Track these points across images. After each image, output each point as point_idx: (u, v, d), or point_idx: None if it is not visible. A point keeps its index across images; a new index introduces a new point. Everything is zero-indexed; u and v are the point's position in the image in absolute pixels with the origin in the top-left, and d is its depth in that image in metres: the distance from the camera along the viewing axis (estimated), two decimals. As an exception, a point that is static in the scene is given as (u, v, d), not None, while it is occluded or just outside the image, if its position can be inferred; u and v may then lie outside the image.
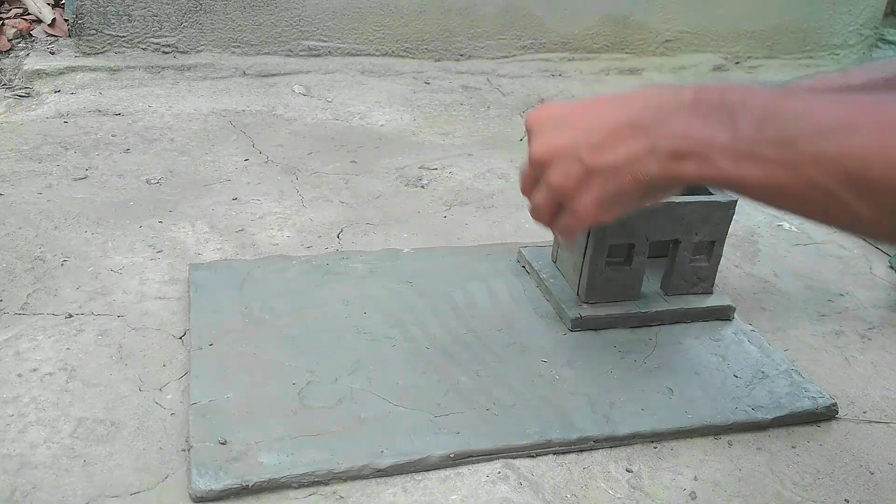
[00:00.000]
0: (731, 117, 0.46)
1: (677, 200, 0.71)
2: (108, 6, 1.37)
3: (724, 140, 0.46)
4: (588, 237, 0.73)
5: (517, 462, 0.61)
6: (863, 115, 0.41)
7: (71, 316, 0.73)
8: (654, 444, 0.64)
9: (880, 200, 0.40)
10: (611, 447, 0.63)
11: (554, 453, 0.62)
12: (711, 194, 0.73)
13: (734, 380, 0.70)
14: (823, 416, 0.68)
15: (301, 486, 0.57)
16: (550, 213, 0.58)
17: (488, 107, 1.39)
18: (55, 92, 1.27)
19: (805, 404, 0.68)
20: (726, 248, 0.78)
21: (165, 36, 1.41)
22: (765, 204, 0.47)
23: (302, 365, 0.67)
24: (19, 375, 0.65)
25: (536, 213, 0.60)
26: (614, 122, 0.52)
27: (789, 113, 0.44)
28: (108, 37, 1.39)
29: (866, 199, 0.40)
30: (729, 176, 0.46)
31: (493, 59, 1.60)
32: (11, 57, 1.39)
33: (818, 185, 0.42)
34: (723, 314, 0.78)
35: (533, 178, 0.58)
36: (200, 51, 1.44)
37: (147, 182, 1.00)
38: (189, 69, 1.40)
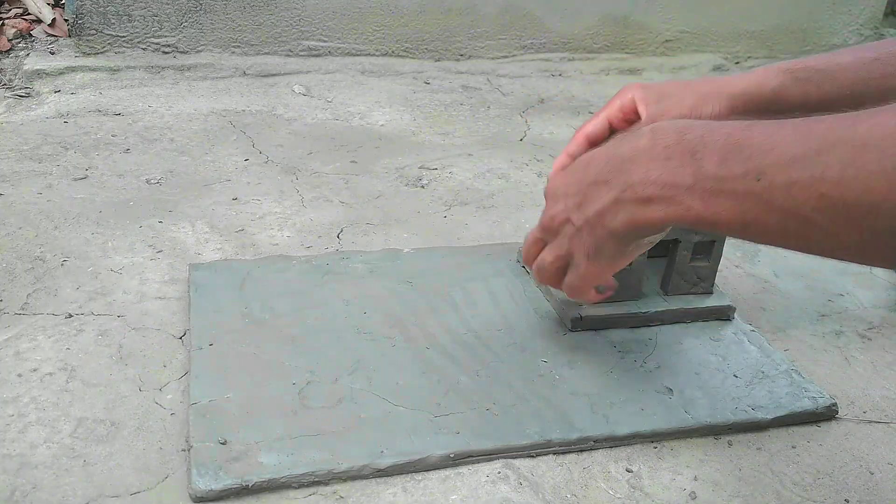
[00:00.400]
0: (692, 157, 0.45)
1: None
2: (108, 6, 1.37)
3: (687, 180, 0.45)
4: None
5: (517, 462, 0.61)
6: (832, 136, 0.39)
7: (71, 316, 0.73)
8: (654, 444, 0.64)
9: (861, 222, 0.38)
10: (611, 447, 0.63)
11: (554, 453, 0.62)
12: None
13: (734, 380, 0.70)
14: (823, 416, 0.68)
15: (301, 486, 0.57)
16: (556, 273, 0.60)
17: (488, 107, 1.39)
18: (55, 92, 1.27)
19: (805, 404, 0.68)
20: (726, 248, 0.78)
21: (165, 36, 1.41)
22: (743, 238, 0.46)
23: (302, 365, 0.67)
24: (19, 375, 0.65)
25: (541, 275, 0.61)
26: (584, 180, 0.53)
27: (753, 144, 0.42)
28: (108, 37, 1.39)
29: (846, 221, 0.39)
30: (700, 215, 0.45)
31: (493, 59, 1.60)
32: (11, 57, 1.39)
33: (794, 215, 0.40)
34: (723, 314, 0.78)
35: (540, 242, 0.60)
36: (200, 51, 1.44)
37: (147, 182, 1.00)
38: (189, 69, 1.40)
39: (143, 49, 1.41)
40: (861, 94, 0.63)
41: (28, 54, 1.38)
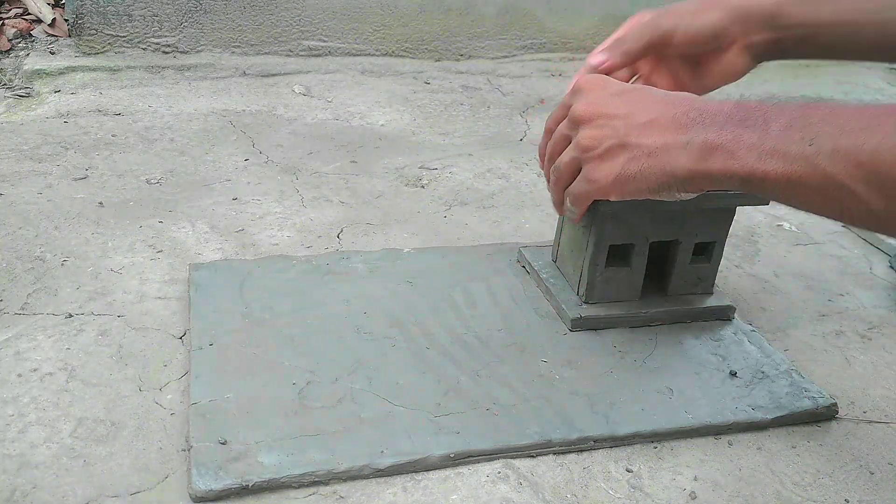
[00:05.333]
0: (765, 121, 0.50)
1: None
2: (108, 6, 1.37)
3: (752, 139, 0.50)
4: (588, 237, 0.73)
5: (517, 462, 0.61)
6: (884, 116, 0.44)
7: (71, 316, 0.73)
8: (654, 444, 0.64)
9: (890, 192, 0.43)
10: (611, 447, 0.63)
11: (554, 453, 0.62)
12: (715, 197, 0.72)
13: (734, 380, 0.70)
14: (823, 416, 0.68)
15: (301, 486, 0.57)
16: (570, 175, 0.62)
17: (488, 107, 1.39)
18: (55, 92, 1.27)
19: (805, 404, 0.68)
20: (726, 249, 0.78)
21: (165, 36, 1.41)
22: (783, 200, 0.51)
23: (302, 365, 0.67)
24: (19, 375, 0.65)
25: (557, 174, 0.63)
26: (660, 112, 0.56)
27: (816, 116, 0.48)
28: (108, 37, 1.39)
29: (879, 191, 0.44)
30: (752, 170, 0.50)
31: (493, 59, 1.60)
32: (11, 57, 1.39)
33: (833, 179, 0.45)
34: (723, 314, 0.78)
35: (565, 137, 0.62)
36: (200, 51, 1.44)
37: (147, 182, 1.00)
38: (189, 69, 1.40)
39: (143, 49, 1.41)
40: (858, 21, 0.66)
41: (28, 54, 1.38)
